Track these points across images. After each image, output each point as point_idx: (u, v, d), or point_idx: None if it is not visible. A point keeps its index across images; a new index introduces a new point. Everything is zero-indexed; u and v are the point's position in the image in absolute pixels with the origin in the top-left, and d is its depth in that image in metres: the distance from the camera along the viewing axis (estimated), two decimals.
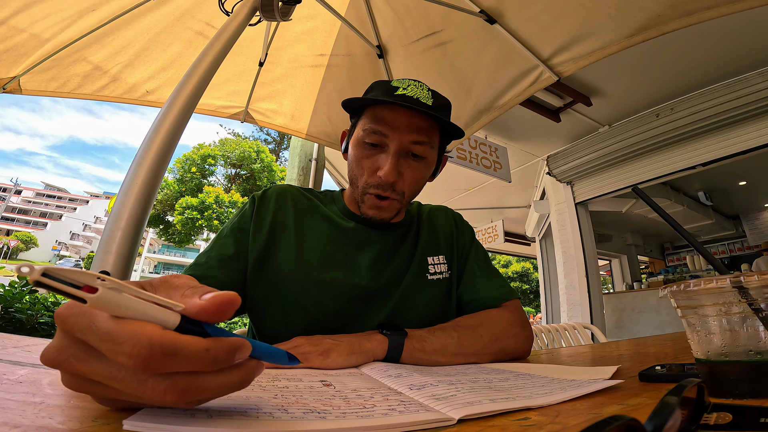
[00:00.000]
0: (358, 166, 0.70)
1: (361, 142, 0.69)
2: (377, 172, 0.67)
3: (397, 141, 0.66)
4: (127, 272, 0.70)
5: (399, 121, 0.66)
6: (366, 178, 0.69)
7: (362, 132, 0.69)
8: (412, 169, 0.69)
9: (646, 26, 1.29)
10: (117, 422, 0.22)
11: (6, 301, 2.17)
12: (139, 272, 32.92)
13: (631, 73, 3.40)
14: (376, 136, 0.67)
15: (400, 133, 0.66)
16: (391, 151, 0.66)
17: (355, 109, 0.73)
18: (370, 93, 0.73)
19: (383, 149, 0.68)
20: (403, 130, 0.66)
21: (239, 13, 1.07)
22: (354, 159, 0.71)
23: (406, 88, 0.68)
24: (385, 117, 0.67)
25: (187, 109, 0.87)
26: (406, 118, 0.66)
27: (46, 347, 0.21)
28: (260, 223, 0.71)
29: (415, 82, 0.70)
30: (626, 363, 0.54)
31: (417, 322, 0.62)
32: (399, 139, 0.66)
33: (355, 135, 0.71)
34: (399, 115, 0.66)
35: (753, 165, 4.43)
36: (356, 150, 0.70)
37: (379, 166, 0.67)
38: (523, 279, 23.51)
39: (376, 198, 0.69)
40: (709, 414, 0.25)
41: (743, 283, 0.30)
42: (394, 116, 0.66)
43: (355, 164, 0.70)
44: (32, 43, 1.48)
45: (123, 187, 0.75)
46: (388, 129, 0.66)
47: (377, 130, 0.67)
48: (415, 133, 0.67)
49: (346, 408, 0.27)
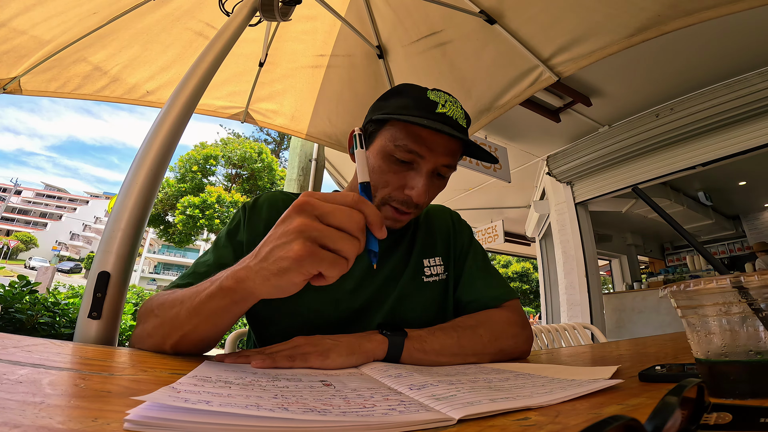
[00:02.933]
0: (383, 179, 0.66)
1: (389, 156, 0.65)
2: (404, 189, 0.65)
3: (432, 163, 0.64)
4: (127, 272, 0.70)
5: (437, 143, 0.64)
6: (390, 191, 0.66)
7: (393, 146, 0.64)
8: (435, 187, 0.68)
9: (646, 26, 1.29)
10: (117, 422, 0.22)
11: (6, 301, 2.17)
12: (139, 272, 32.94)
13: (631, 73, 3.40)
14: (411, 155, 0.64)
15: (436, 156, 0.64)
16: (424, 173, 0.64)
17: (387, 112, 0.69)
18: (400, 100, 0.68)
19: (412, 167, 0.65)
20: (440, 152, 0.64)
21: (239, 13, 1.07)
22: (379, 170, 0.66)
23: (445, 105, 0.65)
24: (423, 137, 0.63)
25: (187, 109, 0.87)
26: (444, 142, 0.64)
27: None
28: (253, 233, 0.70)
29: (451, 99, 0.67)
30: (626, 363, 0.54)
31: (414, 324, 0.62)
32: (434, 161, 0.64)
33: (383, 145, 0.66)
34: (438, 138, 0.63)
35: (753, 165, 4.44)
36: (383, 162, 0.66)
37: (408, 184, 0.65)
38: (523, 279, 23.51)
39: (396, 212, 0.67)
40: (709, 414, 0.25)
41: (743, 283, 0.30)
42: (433, 138, 0.63)
43: (379, 176, 0.66)
44: (32, 44, 1.48)
45: (123, 188, 0.75)
46: (425, 150, 0.63)
47: (413, 149, 0.63)
48: (450, 156, 0.65)
49: (346, 408, 0.27)
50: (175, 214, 15.12)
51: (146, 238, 31.71)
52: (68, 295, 3.53)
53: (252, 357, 0.45)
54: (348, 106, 2.06)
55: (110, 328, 0.65)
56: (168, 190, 15.68)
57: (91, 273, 0.68)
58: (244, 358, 0.46)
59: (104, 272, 0.67)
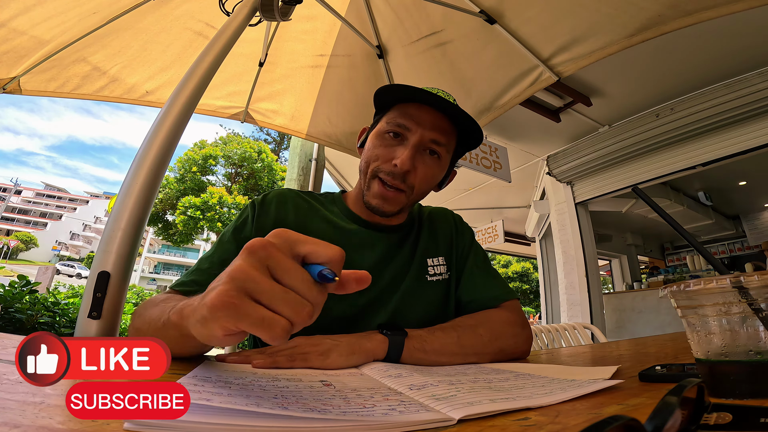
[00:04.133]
0: (373, 153, 0.71)
1: (382, 133, 0.72)
2: (392, 160, 0.69)
3: (418, 135, 0.69)
4: (127, 272, 0.70)
5: (424, 117, 0.69)
6: (379, 163, 0.70)
7: (386, 124, 0.72)
8: (426, 166, 0.71)
9: (646, 26, 1.29)
10: (117, 422, 0.22)
11: (6, 301, 2.17)
12: (139, 272, 32.93)
13: (631, 73, 3.40)
14: (399, 128, 0.70)
15: (423, 129, 0.69)
16: (411, 143, 0.69)
17: (383, 104, 0.76)
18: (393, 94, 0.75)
19: (402, 142, 0.70)
20: (426, 126, 0.69)
21: (239, 13, 1.07)
22: (371, 147, 0.73)
23: (433, 89, 0.71)
24: (411, 113, 0.70)
25: (187, 109, 0.87)
26: (431, 116, 0.70)
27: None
28: (261, 229, 0.70)
29: (443, 92, 0.73)
30: (626, 363, 0.54)
31: (416, 323, 0.62)
32: (421, 133, 0.69)
33: (378, 127, 0.74)
34: (425, 113, 0.70)
35: (753, 165, 4.43)
36: (375, 139, 0.73)
37: (396, 155, 0.69)
38: (523, 279, 23.50)
39: (382, 185, 0.70)
40: (709, 414, 0.25)
41: (743, 283, 0.30)
42: (420, 113, 0.70)
43: (371, 151, 0.72)
44: (32, 44, 1.48)
45: (123, 188, 0.75)
46: (412, 123, 0.69)
47: (401, 123, 0.70)
48: (437, 131, 0.70)
49: (346, 407, 0.27)
50: (175, 214, 15.11)
51: (146, 238, 31.71)
52: (68, 294, 3.53)
53: (252, 357, 0.45)
54: (348, 106, 2.06)
55: (110, 328, 0.65)
56: (168, 190, 15.67)
57: (91, 273, 0.68)
58: (245, 358, 0.46)
59: (104, 272, 0.67)
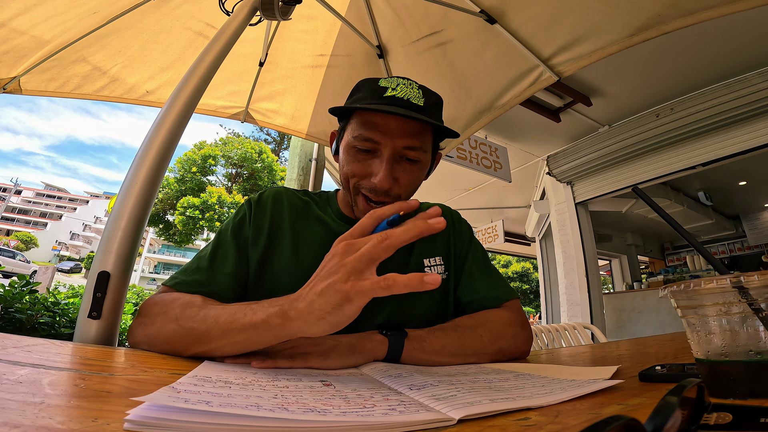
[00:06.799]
0: (349, 169, 0.67)
1: (351, 148, 0.67)
2: (371, 178, 0.65)
3: (390, 147, 0.64)
4: (127, 272, 0.70)
5: (390, 126, 0.63)
6: (358, 180, 0.67)
7: (352, 138, 0.66)
8: (407, 172, 0.67)
9: (646, 26, 1.29)
10: (117, 422, 0.22)
11: (6, 301, 2.17)
12: (139, 272, 32.93)
13: (631, 73, 3.40)
14: (368, 143, 0.64)
15: (393, 139, 0.64)
16: (385, 158, 0.64)
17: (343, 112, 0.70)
18: (357, 94, 0.70)
19: (376, 154, 0.66)
20: (396, 135, 0.64)
21: (239, 13, 1.07)
22: (344, 161, 0.68)
23: (396, 88, 0.65)
24: (375, 123, 0.64)
25: (188, 109, 0.86)
26: (397, 123, 0.63)
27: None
28: (258, 228, 0.70)
29: (404, 81, 0.67)
30: (626, 363, 0.54)
31: (415, 324, 0.62)
32: (392, 145, 0.64)
33: (345, 139, 0.68)
34: (390, 120, 0.63)
35: (753, 165, 4.44)
36: (347, 155, 0.68)
37: (373, 172, 0.65)
38: (523, 279, 23.49)
39: (366, 201, 0.67)
40: (709, 414, 0.25)
41: (743, 283, 0.30)
42: (386, 122, 0.63)
43: (346, 167, 0.68)
44: (32, 44, 1.48)
45: (123, 187, 0.75)
46: (380, 135, 0.64)
47: (368, 137, 0.64)
48: (408, 137, 0.64)
49: (346, 407, 0.27)
50: (175, 214, 15.11)
51: (146, 237, 31.69)
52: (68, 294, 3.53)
53: (252, 357, 0.45)
54: None
55: (110, 328, 0.65)
56: (168, 190, 15.66)
57: (91, 273, 0.68)
58: (244, 358, 0.46)
59: (104, 272, 0.67)
